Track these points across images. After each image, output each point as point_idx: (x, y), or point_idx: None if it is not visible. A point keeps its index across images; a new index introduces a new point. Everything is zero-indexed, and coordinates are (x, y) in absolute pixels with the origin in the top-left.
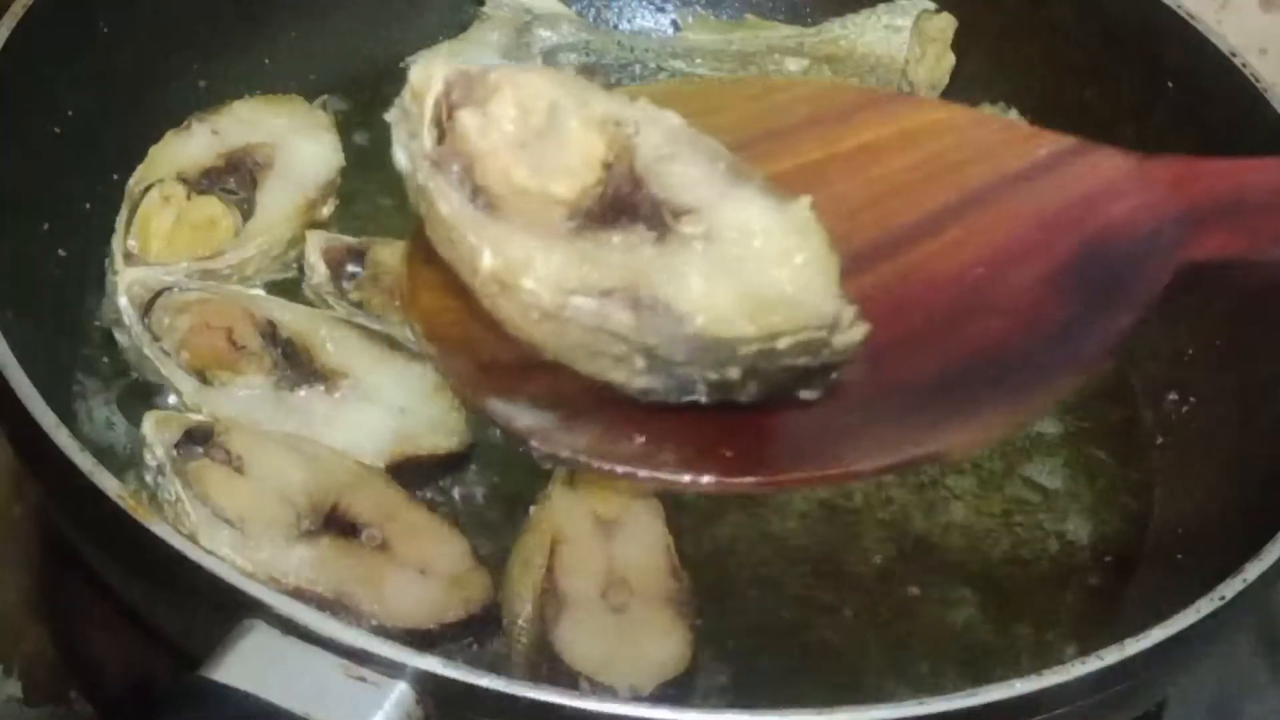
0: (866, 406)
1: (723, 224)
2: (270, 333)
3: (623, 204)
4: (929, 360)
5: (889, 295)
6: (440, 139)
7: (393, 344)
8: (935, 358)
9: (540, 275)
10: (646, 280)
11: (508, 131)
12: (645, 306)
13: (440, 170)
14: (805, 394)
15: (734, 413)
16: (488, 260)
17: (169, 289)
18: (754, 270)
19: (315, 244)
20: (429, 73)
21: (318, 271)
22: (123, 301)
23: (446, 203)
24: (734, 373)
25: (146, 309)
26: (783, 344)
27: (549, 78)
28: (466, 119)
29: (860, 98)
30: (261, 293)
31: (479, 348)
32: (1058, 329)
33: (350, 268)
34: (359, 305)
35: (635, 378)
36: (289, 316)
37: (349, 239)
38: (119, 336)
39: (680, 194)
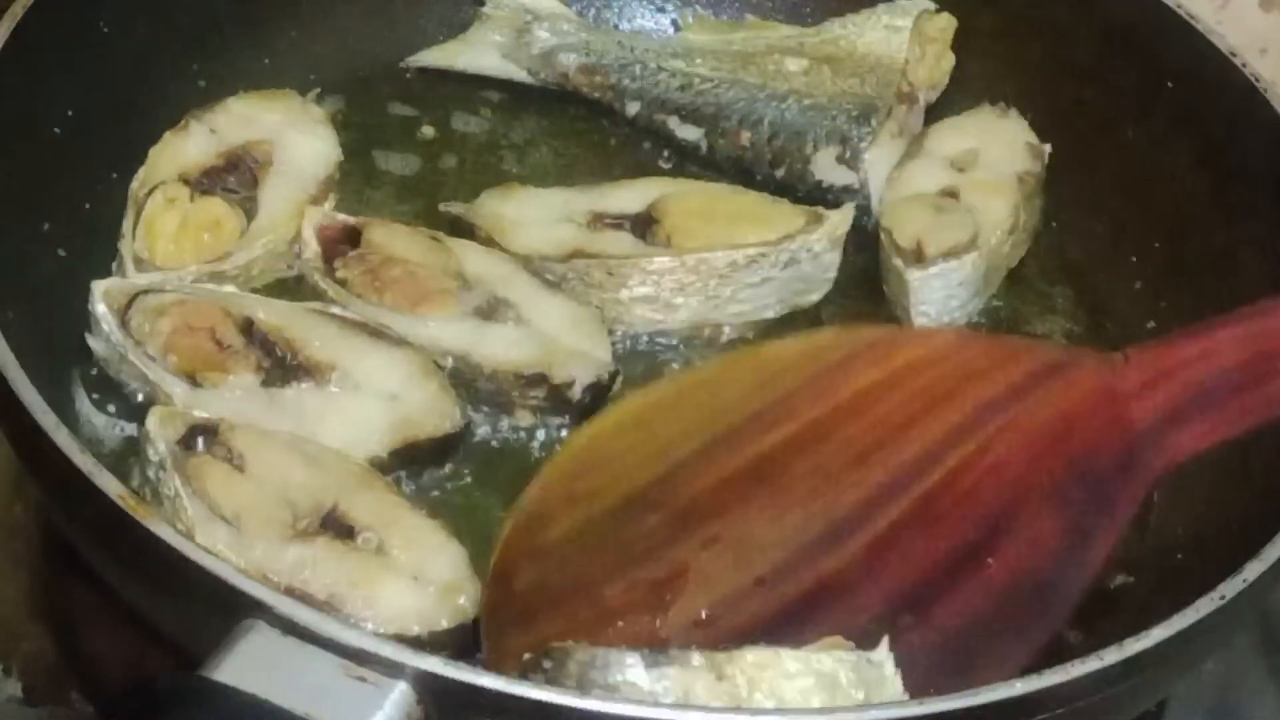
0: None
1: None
2: (249, 330)
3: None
4: (958, 599)
5: (906, 536)
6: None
7: (372, 332)
8: (964, 595)
9: None
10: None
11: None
12: None
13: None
14: None
15: None
16: None
17: (144, 292)
18: None
19: (312, 220)
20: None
21: (309, 246)
22: (100, 309)
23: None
24: None
25: (124, 314)
26: None
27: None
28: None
29: (849, 348)
30: (234, 289)
31: None
32: (1060, 546)
33: (343, 247)
34: (343, 284)
35: None
36: (265, 313)
37: (346, 217)
38: (94, 345)
39: None
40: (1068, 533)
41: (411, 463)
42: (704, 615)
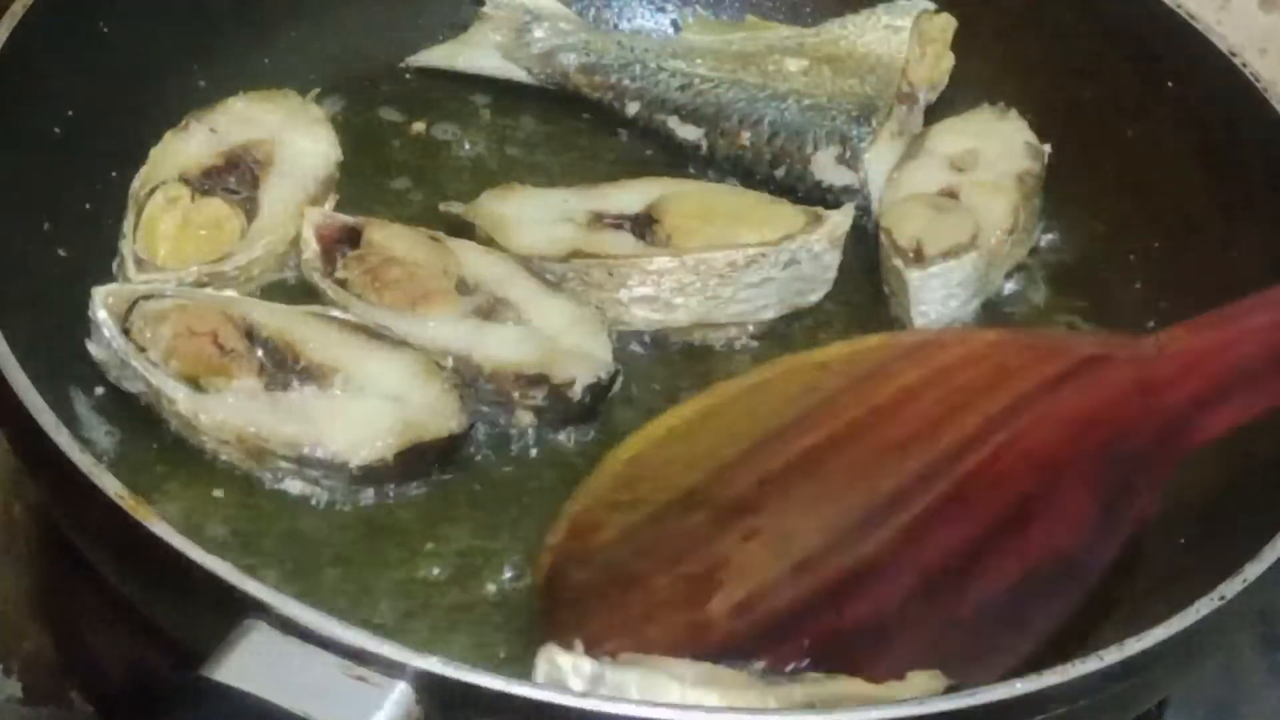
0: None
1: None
2: (251, 334)
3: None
4: (991, 574)
5: (941, 519)
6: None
7: (373, 334)
8: (997, 570)
9: None
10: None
11: None
12: None
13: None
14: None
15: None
16: None
17: (145, 297)
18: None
19: (311, 220)
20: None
21: (310, 247)
22: (101, 315)
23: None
24: None
25: (125, 320)
26: None
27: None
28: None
29: (889, 352)
30: (234, 294)
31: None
32: (1092, 527)
33: (343, 247)
34: (342, 284)
35: None
36: (266, 316)
37: (345, 217)
38: (94, 351)
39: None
40: (1098, 510)
41: (417, 465)
42: (742, 601)
